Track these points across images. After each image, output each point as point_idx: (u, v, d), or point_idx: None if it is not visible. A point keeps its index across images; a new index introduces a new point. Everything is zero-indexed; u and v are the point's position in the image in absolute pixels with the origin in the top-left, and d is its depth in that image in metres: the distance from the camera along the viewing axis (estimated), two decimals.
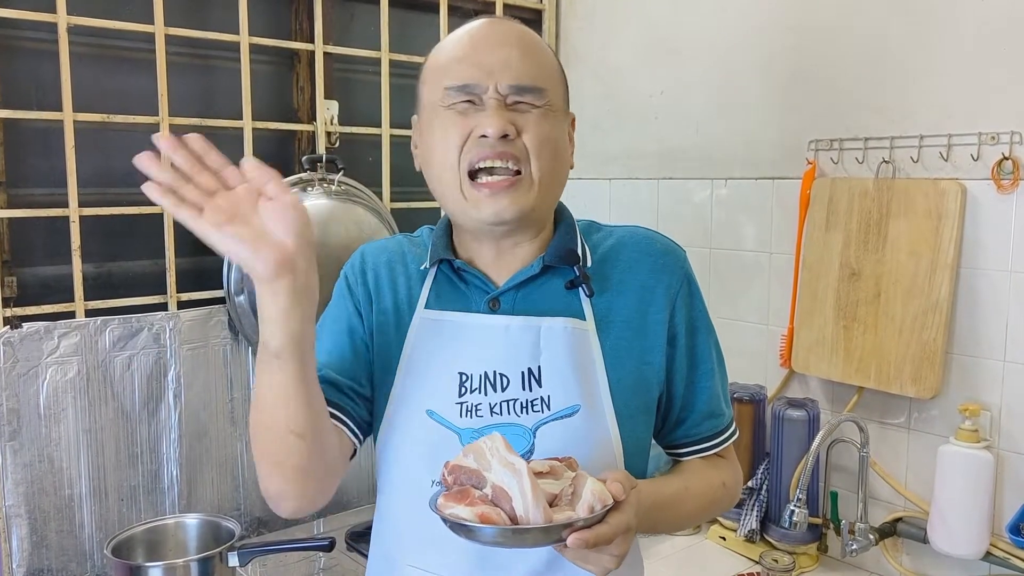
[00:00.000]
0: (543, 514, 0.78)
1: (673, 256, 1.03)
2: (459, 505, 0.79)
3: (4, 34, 1.56)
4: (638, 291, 1.00)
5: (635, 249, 1.02)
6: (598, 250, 1.03)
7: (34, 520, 1.57)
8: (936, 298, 1.56)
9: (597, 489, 0.80)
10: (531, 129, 0.94)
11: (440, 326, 1.00)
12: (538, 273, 0.98)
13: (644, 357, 0.99)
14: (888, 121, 1.67)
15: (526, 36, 0.98)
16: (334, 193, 1.85)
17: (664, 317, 0.99)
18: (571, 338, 0.96)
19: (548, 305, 0.98)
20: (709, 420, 1.04)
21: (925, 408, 1.63)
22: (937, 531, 1.54)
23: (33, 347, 1.54)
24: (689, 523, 1.08)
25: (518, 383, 0.96)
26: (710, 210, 2.00)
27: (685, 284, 1.02)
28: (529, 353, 0.96)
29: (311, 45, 1.89)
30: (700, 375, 1.03)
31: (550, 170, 0.95)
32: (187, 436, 1.73)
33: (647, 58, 2.12)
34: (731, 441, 1.08)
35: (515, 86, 0.94)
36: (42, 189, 1.62)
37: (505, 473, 0.80)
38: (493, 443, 0.83)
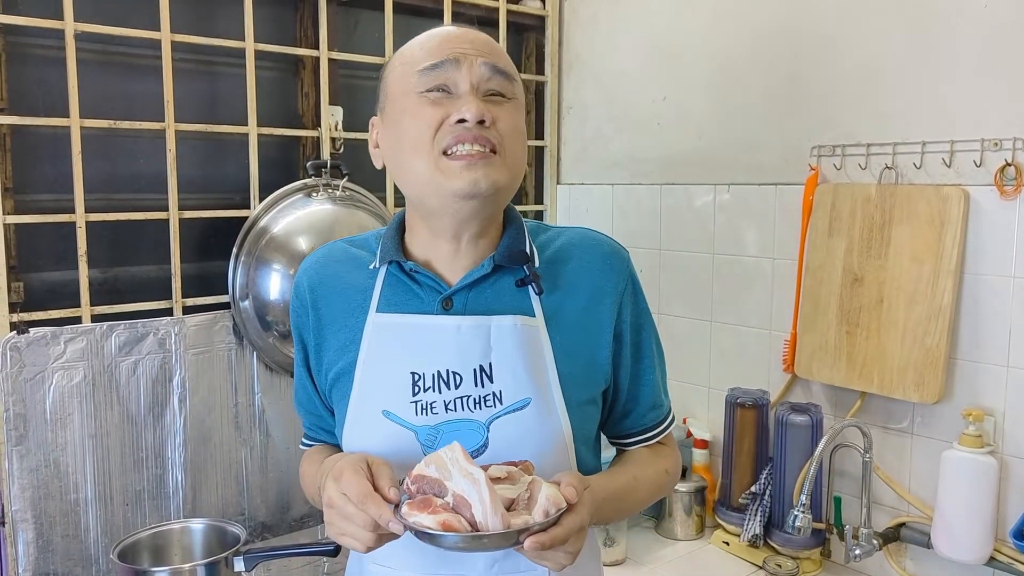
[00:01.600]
0: (501, 520, 0.83)
1: (619, 258, 1.07)
2: (422, 513, 0.84)
3: (12, 41, 1.57)
4: (588, 290, 1.04)
5: (584, 250, 1.06)
6: (546, 250, 1.06)
7: (40, 524, 1.57)
8: (939, 304, 1.57)
9: (552, 494, 0.85)
10: (504, 119, 0.97)
11: (393, 329, 1.02)
12: (489, 272, 1.01)
13: (592, 353, 1.03)
14: (891, 127, 1.67)
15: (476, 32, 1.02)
16: (338, 198, 1.86)
17: (611, 315, 1.04)
18: (521, 334, 1.00)
19: (499, 303, 1.01)
20: (653, 411, 1.10)
21: (928, 413, 1.63)
22: (941, 536, 1.55)
23: (39, 352, 1.55)
24: (637, 510, 1.12)
25: (471, 380, 0.99)
26: (713, 215, 2.00)
27: (630, 284, 1.07)
28: (480, 351, 0.99)
29: (316, 51, 1.90)
30: (644, 369, 1.08)
31: (518, 160, 1.00)
32: (192, 441, 1.74)
33: (649, 64, 2.13)
34: (671, 429, 1.14)
35: (491, 65, 0.97)
36: (49, 195, 1.62)
37: (465, 482, 0.85)
38: (453, 453, 0.87)
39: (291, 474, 1.90)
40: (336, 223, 1.84)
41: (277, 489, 1.88)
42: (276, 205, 1.82)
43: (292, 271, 1.76)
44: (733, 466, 1.85)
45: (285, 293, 1.76)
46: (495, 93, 0.98)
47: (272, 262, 1.76)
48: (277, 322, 1.77)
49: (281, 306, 1.76)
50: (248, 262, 1.77)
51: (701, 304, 2.02)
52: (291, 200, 1.83)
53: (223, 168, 1.85)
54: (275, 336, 1.78)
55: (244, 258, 1.78)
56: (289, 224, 1.79)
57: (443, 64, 0.96)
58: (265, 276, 1.76)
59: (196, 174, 1.79)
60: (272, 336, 1.78)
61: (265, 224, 1.79)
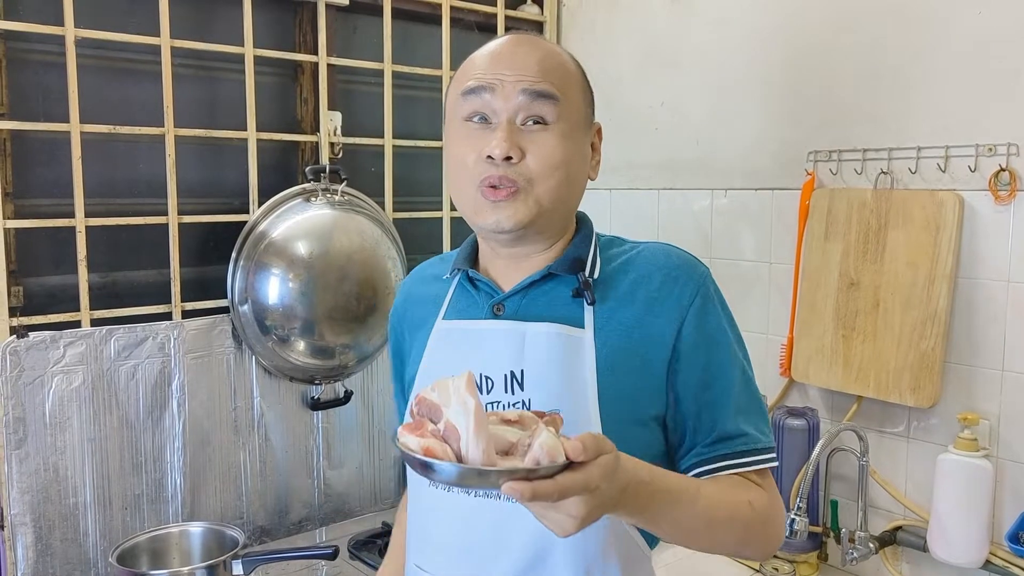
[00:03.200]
0: (483, 456, 0.75)
1: (687, 269, 1.00)
2: (411, 435, 0.79)
3: (12, 46, 1.57)
4: (644, 303, 0.98)
5: (648, 262, 1.01)
6: (613, 262, 1.02)
7: (39, 528, 1.57)
8: (934, 308, 1.57)
9: (548, 443, 0.75)
10: (536, 151, 0.95)
11: (451, 334, 1.04)
12: (544, 280, 1.00)
13: (643, 369, 0.97)
14: (886, 132, 1.68)
15: (546, 47, 1.00)
16: (337, 203, 1.87)
17: (671, 331, 0.97)
18: (558, 344, 0.96)
19: (549, 312, 0.99)
20: (726, 441, 0.97)
21: (924, 417, 1.64)
22: (936, 540, 1.55)
23: (39, 356, 1.56)
24: (702, 534, 0.94)
25: (501, 386, 0.97)
26: (710, 220, 2.01)
27: (699, 298, 0.98)
28: (512, 357, 0.97)
29: (315, 57, 1.91)
30: (715, 394, 0.97)
31: (553, 189, 0.97)
32: (191, 445, 1.74)
33: (647, 69, 2.14)
34: (759, 467, 0.98)
35: (531, 91, 0.95)
36: (49, 199, 1.63)
37: (459, 410, 0.77)
38: (458, 381, 0.80)
39: (289, 478, 1.90)
40: (335, 228, 1.84)
41: (275, 493, 1.88)
42: (275, 210, 1.82)
43: (291, 275, 1.77)
44: None
45: (284, 297, 1.77)
46: (536, 119, 0.96)
47: (271, 266, 1.77)
48: (276, 326, 1.78)
49: (280, 311, 1.77)
50: (247, 266, 1.78)
51: None
52: (290, 205, 1.84)
53: (222, 173, 1.86)
54: (274, 340, 1.79)
55: (243, 262, 1.78)
56: (288, 229, 1.80)
57: (480, 90, 0.97)
58: (264, 280, 1.77)
59: (195, 179, 1.80)
60: (271, 340, 1.79)
61: (264, 229, 1.80)
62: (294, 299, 1.77)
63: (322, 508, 1.96)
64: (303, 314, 1.78)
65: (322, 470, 1.95)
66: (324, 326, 1.82)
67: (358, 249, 1.86)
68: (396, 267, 1.93)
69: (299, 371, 1.87)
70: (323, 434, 1.95)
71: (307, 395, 1.92)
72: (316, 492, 1.95)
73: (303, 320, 1.79)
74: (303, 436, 1.92)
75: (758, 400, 1.01)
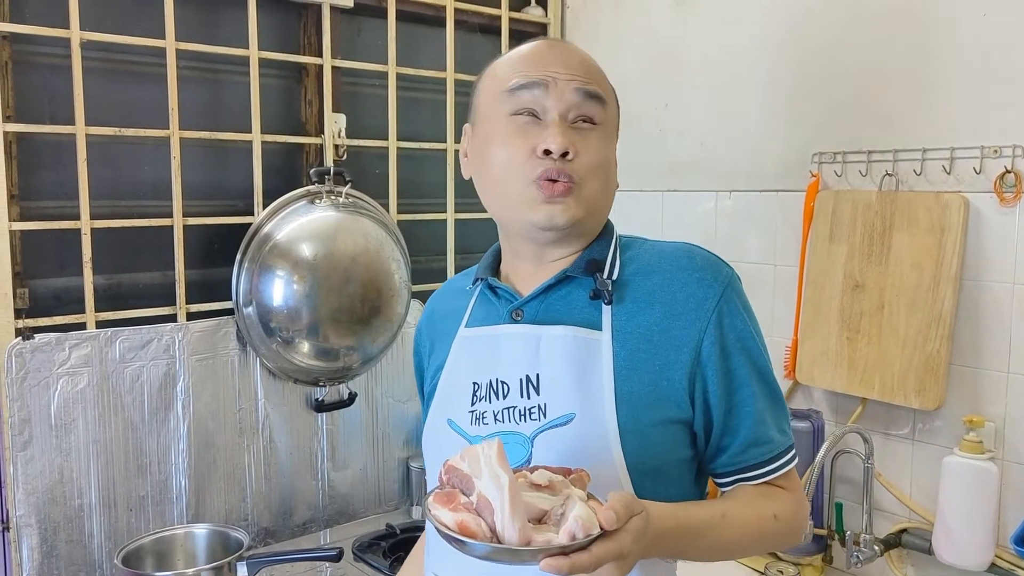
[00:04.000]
0: (519, 534, 0.75)
1: (712, 271, 0.97)
2: (444, 508, 0.78)
3: (18, 49, 1.58)
4: (665, 304, 0.96)
5: (672, 263, 0.99)
6: (634, 263, 1.00)
7: (44, 530, 1.58)
8: (939, 310, 1.57)
9: (584, 515, 0.75)
10: (588, 151, 0.96)
11: (472, 341, 1.04)
12: (561, 283, 0.99)
13: (663, 372, 0.94)
14: (891, 134, 1.68)
15: (584, 52, 1.02)
16: (342, 205, 1.87)
17: (692, 333, 0.94)
18: (574, 346, 0.95)
19: (568, 315, 0.98)
20: (754, 448, 0.96)
21: (929, 419, 1.64)
22: (942, 542, 1.55)
23: (44, 358, 1.56)
24: (732, 554, 0.98)
25: (517, 390, 0.97)
26: (715, 222, 2.01)
27: (722, 302, 0.95)
28: (527, 361, 0.97)
29: (319, 59, 1.91)
30: (741, 399, 0.95)
31: (600, 191, 0.98)
32: (195, 447, 1.75)
33: (651, 71, 2.14)
34: (784, 470, 0.97)
35: (583, 90, 0.96)
36: (54, 202, 1.64)
37: (491, 484, 0.77)
38: (488, 450, 0.80)
39: (293, 480, 1.90)
40: (339, 230, 1.85)
41: (280, 495, 1.88)
42: (279, 212, 1.83)
43: (295, 277, 1.77)
44: None
45: (288, 299, 1.77)
46: (585, 119, 0.97)
47: (275, 269, 1.77)
48: (280, 328, 1.78)
49: (284, 312, 1.77)
50: (252, 268, 1.78)
51: None
52: (294, 207, 1.84)
53: (227, 175, 1.86)
54: (278, 342, 1.79)
55: (248, 265, 1.79)
56: (292, 231, 1.80)
57: (531, 86, 0.96)
58: (268, 283, 1.77)
59: (200, 181, 1.80)
60: (275, 342, 1.79)
61: (268, 231, 1.80)
62: (298, 301, 1.78)
63: (326, 510, 1.96)
64: (307, 316, 1.79)
65: (326, 472, 1.95)
66: (328, 328, 1.82)
67: (362, 251, 1.86)
68: (400, 269, 1.93)
69: (303, 373, 1.87)
70: (327, 436, 1.95)
71: (311, 397, 1.92)
72: (320, 494, 1.95)
73: (307, 322, 1.79)
74: (307, 438, 1.92)
75: (780, 400, 1.00)
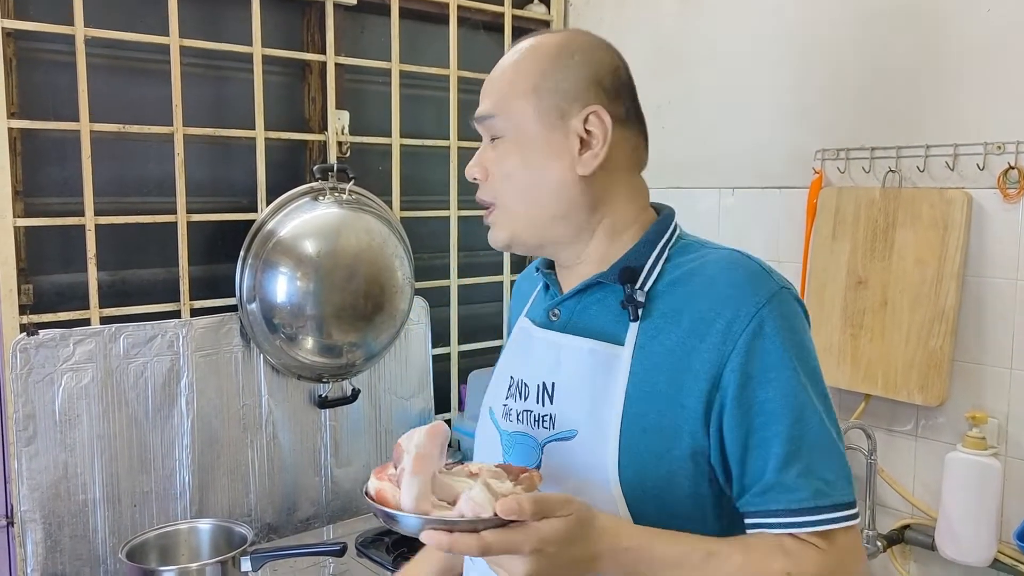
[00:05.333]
0: (413, 503, 0.79)
1: (749, 288, 0.86)
2: (373, 477, 0.83)
3: (23, 46, 1.58)
4: (691, 320, 0.87)
5: (709, 275, 0.89)
6: (676, 271, 0.92)
7: (48, 525, 1.58)
8: (943, 306, 1.57)
9: (477, 498, 0.77)
10: (492, 167, 0.96)
11: (518, 335, 1.05)
12: (594, 287, 0.95)
13: (677, 397, 0.86)
14: (894, 131, 1.68)
15: (504, 62, 0.98)
16: (345, 202, 1.87)
17: (714, 357, 0.85)
18: (591, 360, 0.91)
19: (596, 323, 0.94)
20: (773, 492, 0.85)
21: (932, 415, 1.64)
22: (944, 538, 1.55)
23: (49, 354, 1.56)
24: None
25: (535, 396, 0.95)
26: (717, 219, 2.01)
27: (754, 323, 0.84)
28: (548, 368, 0.95)
29: (323, 56, 1.91)
30: (762, 439, 0.85)
31: (518, 199, 0.95)
32: (199, 442, 1.75)
33: (654, 68, 2.14)
34: (821, 528, 0.84)
35: (483, 107, 0.97)
36: (58, 198, 1.64)
37: (407, 457, 0.81)
38: (419, 430, 0.84)
39: (297, 476, 1.91)
40: (343, 226, 1.85)
41: (283, 491, 1.89)
42: (283, 208, 1.83)
43: (298, 274, 1.77)
44: None
45: (292, 296, 1.77)
46: (494, 136, 0.97)
47: (279, 265, 1.77)
48: (284, 324, 1.78)
49: (287, 309, 1.78)
50: (255, 265, 1.78)
51: None
52: (298, 203, 1.84)
53: (230, 172, 1.86)
54: (282, 339, 1.79)
55: (251, 261, 1.79)
56: (296, 227, 1.80)
57: None
58: (272, 279, 1.77)
59: (204, 177, 1.81)
60: (279, 339, 1.79)
61: (272, 227, 1.80)
62: (302, 297, 1.78)
63: (329, 506, 1.97)
64: (311, 312, 1.79)
65: (330, 468, 1.96)
66: (332, 324, 1.82)
67: (366, 248, 1.86)
68: (403, 266, 1.93)
69: (307, 369, 1.87)
70: (331, 432, 1.95)
71: (315, 393, 1.92)
72: (324, 490, 1.95)
73: (311, 318, 1.79)
74: (311, 434, 1.92)
75: (830, 448, 0.86)
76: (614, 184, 0.96)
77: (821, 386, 0.88)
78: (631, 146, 0.97)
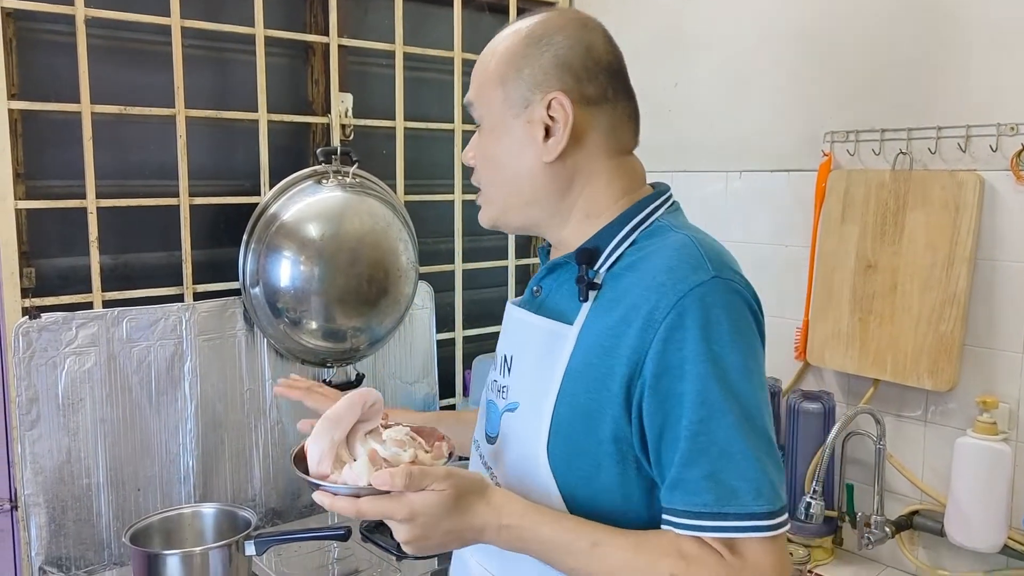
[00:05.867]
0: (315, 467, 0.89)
1: (678, 276, 0.85)
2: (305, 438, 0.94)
3: (22, 26, 1.56)
4: (627, 308, 0.86)
5: (652, 261, 0.89)
6: (634, 255, 0.91)
7: (52, 509, 1.58)
8: (953, 290, 1.55)
9: (357, 468, 0.86)
10: (475, 154, 1.00)
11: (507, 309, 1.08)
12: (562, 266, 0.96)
13: (604, 380, 0.86)
14: (905, 112, 1.66)
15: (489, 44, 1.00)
16: (348, 185, 1.86)
17: (637, 344, 0.84)
18: (543, 338, 0.94)
19: (562, 302, 0.95)
20: (678, 491, 0.83)
21: (942, 400, 1.62)
22: (954, 524, 1.53)
23: (51, 337, 1.55)
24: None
25: (500, 368, 1.02)
26: (724, 202, 1.99)
27: (674, 313, 0.83)
28: (512, 342, 1.01)
29: (326, 38, 1.89)
30: (673, 435, 0.83)
31: (495, 183, 0.98)
32: (203, 427, 1.74)
33: (661, 50, 2.11)
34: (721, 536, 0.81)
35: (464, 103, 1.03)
36: (60, 181, 1.63)
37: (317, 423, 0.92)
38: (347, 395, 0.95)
39: None
40: (346, 210, 1.83)
41: (287, 476, 1.88)
42: (286, 192, 1.81)
43: (302, 258, 1.76)
44: None
45: (295, 280, 1.76)
46: (478, 122, 1.00)
47: (282, 249, 1.76)
48: (287, 309, 1.77)
49: (291, 293, 1.76)
50: (258, 249, 1.77)
51: None
52: (301, 187, 1.83)
53: (233, 155, 1.85)
54: (285, 323, 1.78)
55: (254, 245, 1.78)
56: (299, 211, 1.79)
57: None
58: (275, 263, 1.76)
59: (206, 161, 1.79)
60: (283, 323, 1.78)
61: (275, 211, 1.79)
62: (305, 281, 1.76)
63: None
64: (314, 297, 1.78)
65: None
66: (335, 309, 1.81)
67: (369, 231, 1.85)
68: (408, 250, 1.91)
69: (311, 354, 1.86)
70: None
71: (319, 378, 1.91)
72: None
73: (314, 303, 1.78)
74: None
75: (740, 454, 0.81)
76: (589, 168, 0.95)
77: (745, 384, 0.83)
78: (607, 127, 0.95)
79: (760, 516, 0.81)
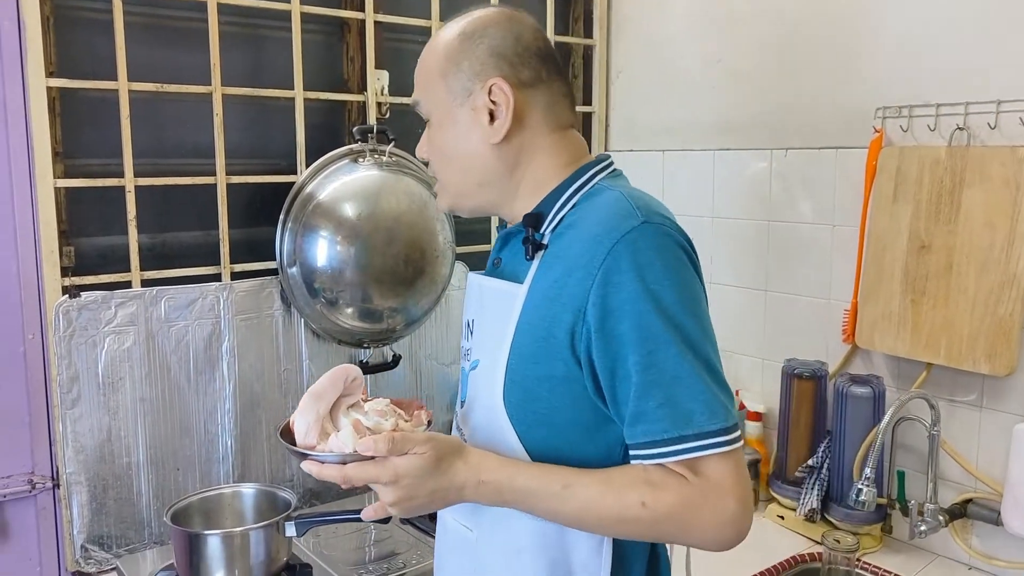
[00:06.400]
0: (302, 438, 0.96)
1: (610, 225, 0.91)
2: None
3: (60, 4, 1.55)
4: (569, 260, 0.93)
5: (587, 218, 0.96)
6: (574, 215, 0.98)
7: (93, 488, 1.58)
8: (1013, 271, 1.49)
9: (342, 437, 0.92)
10: (428, 147, 1.06)
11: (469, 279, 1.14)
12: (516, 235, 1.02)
13: (551, 328, 0.93)
14: (962, 86, 1.59)
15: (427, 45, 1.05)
16: (384, 164, 1.83)
17: (578, 292, 0.91)
18: (498, 299, 1.01)
19: (515, 266, 1.02)
20: (639, 424, 0.89)
21: (998, 385, 1.56)
22: (1011, 513, 1.48)
23: (91, 316, 1.55)
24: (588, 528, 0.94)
25: (464, 333, 1.09)
26: (768, 181, 1.93)
27: (610, 259, 0.89)
28: (474, 307, 1.07)
29: (361, 14, 1.86)
30: (624, 371, 0.89)
31: (449, 170, 1.05)
32: (241, 406, 1.74)
33: (702, 25, 2.06)
34: (678, 458, 0.87)
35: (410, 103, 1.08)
36: (98, 159, 1.62)
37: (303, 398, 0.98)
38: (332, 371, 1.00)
39: None
40: (382, 189, 1.81)
41: None
42: (322, 171, 1.79)
43: (339, 238, 1.74)
44: (789, 439, 1.80)
45: (332, 260, 1.74)
46: (426, 118, 1.06)
47: (319, 228, 1.74)
48: (324, 289, 1.75)
49: (328, 273, 1.75)
50: (295, 228, 1.75)
51: (755, 273, 1.96)
52: (337, 166, 1.80)
53: (269, 133, 1.83)
54: (322, 303, 1.77)
55: (291, 224, 1.76)
56: (335, 190, 1.76)
57: None
58: (312, 243, 1.74)
59: (242, 139, 1.77)
60: (319, 303, 1.77)
61: (311, 190, 1.77)
62: (342, 262, 1.75)
63: None
64: (351, 277, 1.76)
65: None
66: (372, 289, 1.79)
67: (406, 211, 1.82)
68: (444, 229, 1.89)
69: (347, 334, 1.85)
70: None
71: (355, 359, 1.90)
72: None
73: (351, 283, 1.76)
74: None
75: (690, 378, 0.87)
76: (532, 145, 1.01)
77: (684, 316, 0.89)
78: (545, 105, 1.02)
79: (715, 433, 0.87)
